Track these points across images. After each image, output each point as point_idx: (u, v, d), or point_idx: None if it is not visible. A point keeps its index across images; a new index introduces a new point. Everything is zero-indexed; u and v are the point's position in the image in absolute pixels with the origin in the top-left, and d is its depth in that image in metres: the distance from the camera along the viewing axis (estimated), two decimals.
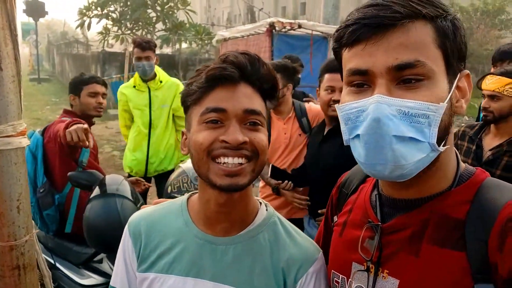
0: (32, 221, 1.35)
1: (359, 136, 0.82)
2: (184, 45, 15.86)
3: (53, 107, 14.47)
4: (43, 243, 2.76)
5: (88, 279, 2.61)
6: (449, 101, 0.81)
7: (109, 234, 2.12)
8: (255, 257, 1.02)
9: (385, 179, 0.86)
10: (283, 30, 8.22)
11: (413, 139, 0.78)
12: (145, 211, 1.18)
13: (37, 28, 23.92)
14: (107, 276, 2.57)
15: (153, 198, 4.00)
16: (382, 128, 0.77)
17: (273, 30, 7.97)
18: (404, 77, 0.78)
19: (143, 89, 3.87)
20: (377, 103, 0.77)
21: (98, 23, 13.06)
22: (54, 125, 2.75)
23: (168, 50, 16.82)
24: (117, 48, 17.10)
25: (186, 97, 1.02)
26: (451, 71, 0.82)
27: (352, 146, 0.86)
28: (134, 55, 3.79)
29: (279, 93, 2.85)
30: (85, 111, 2.97)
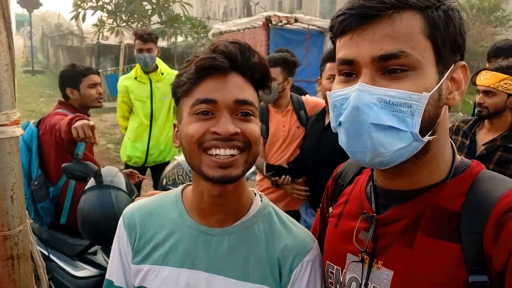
0: (26, 211, 1.34)
1: (341, 123, 0.83)
2: (180, 38, 15.78)
3: (47, 99, 14.37)
4: (37, 234, 2.75)
5: (83, 270, 2.60)
6: (437, 92, 0.80)
7: (103, 226, 2.12)
8: (250, 247, 1.02)
9: (367, 166, 0.88)
10: (279, 24, 8.19)
11: (393, 127, 0.78)
12: (140, 203, 1.17)
13: (31, 19, 23.71)
14: (101, 268, 2.57)
15: (148, 190, 4.00)
16: (361, 116, 0.78)
17: (270, 24, 7.94)
18: (389, 67, 0.79)
19: (144, 80, 3.87)
20: (358, 91, 0.79)
21: (93, 15, 12.94)
22: (50, 117, 2.72)
23: (163, 43, 16.73)
24: (112, 40, 17.00)
25: (176, 88, 1.01)
26: (442, 62, 0.81)
27: (338, 133, 0.87)
28: (135, 47, 3.77)
29: (273, 85, 2.87)
30: (86, 103, 2.95)
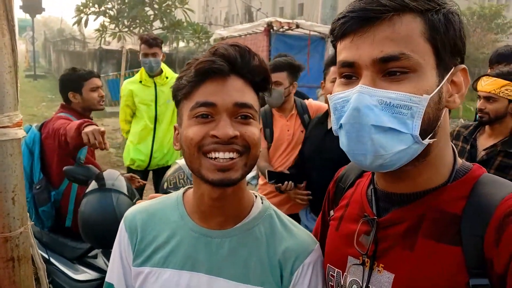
0: (27, 214, 1.34)
1: (342, 125, 0.84)
2: (182, 44, 15.82)
3: (49, 103, 14.39)
4: (37, 238, 2.74)
5: (83, 274, 2.59)
6: (437, 94, 0.81)
7: (104, 229, 2.11)
8: (250, 250, 1.02)
9: (368, 169, 0.87)
10: (280, 30, 8.22)
11: (393, 129, 0.78)
12: (141, 205, 1.17)
13: (34, 24, 23.79)
14: (101, 271, 2.56)
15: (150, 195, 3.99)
16: (362, 117, 0.78)
17: (271, 30, 7.97)
18: (389, 70, 0.79)
19: (149, 84, 3.89)
20: (359, 93, 0.79)
21: (95, 20, 13.01)
22: (53, 121, 2.72)
23: (165, 48, 16.80)
24: (114, 45, 17.06)
25: (176, 91, 1.01)
26: (442, 65, 0.82)
27: (339, 135, 0.87)
28: (141, 51, 3.80)
29: (279, 89, 2.88)
30: (89, 106, 2.96)
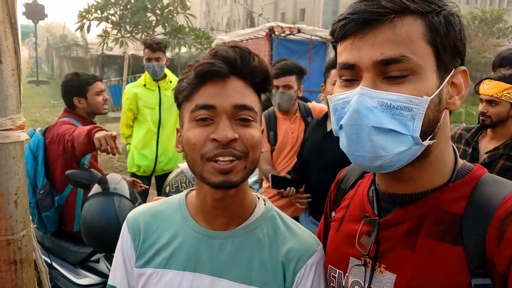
0: (30, 216, 1.34)
1: (342, 126, 0.84)
2: (184, 49, 15.87)
3: (51, 109, 14.44)
4: (40, 242, 2.75)
5: (85, 278, 2.60)
6: (438, 96, 0.81)
7: (106, 233, 2.11)
8: (253, 251, 1.02)
9: (368, 170, 0.88)
10: (282, 35, 8.23)
11: (394, 131, 0.78)
12: (144, 207, 1.17)
13: (37, 30, 23.94)
14: (103, 275, 2.56)
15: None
16: (362, 119, 0.78)
17: (273, 35, 7.98)
18: (390, 72, 0.79)
19: (153, 88, 3.89)
20: (359, 94, 0.79)
21: (97, 25, 13.06)
22: (58, 127, 2.71)
23: (167, 54, 16.83)
24: (116, 51, 17.10)
25: (177, 93, 1.02)
26: (443, 67, 0.82)
27: (339, 136, 0.88)
28: (144, 55, 3.80)
29: (289, 93, 2.90)
30: (94, 111, 2.97)
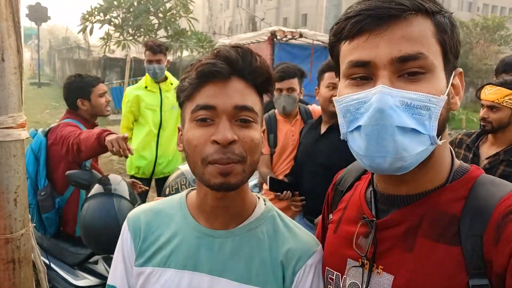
0: (29, 215, 1.34)
1: (359, 128, 0.81)
2: (186, 53, 15.90)
3: (52, 111, 14.46)
4: (38, 243, 2.72)
5: (83, 280, 2.59)
6: (447, 95, 0.81)
7: (105, 234, 2.11)
8: (253, 250, 1.02)
9: (383, 172, 0.85)
10: (284, 39, 8.25)
11: (414, 130, 0.77)
12: (145, 206, 1.17)
13: (39, 32, 24.02)
14: (102, 277, 2.55)
15: None
16: (386, 118, 0.76)
17: (274, 39, 8.01)
18: (407, 69, 0.78)
19: (154, 90, 3.88)
20: (381, 93, 0.76)
21: (100, 28, 13.08)
22: (60, 128, 2.69)
23: (169, 57, 16.85)
24: (118, 54, 17.15)
25: (179, 92, 1.01)
26: (449, 67, 0.83)
27: (350, 139, 0.85)
28: (145, 57, 3.80)
29: (293, 95, 2.90)
30: (96, 113, 2.96)
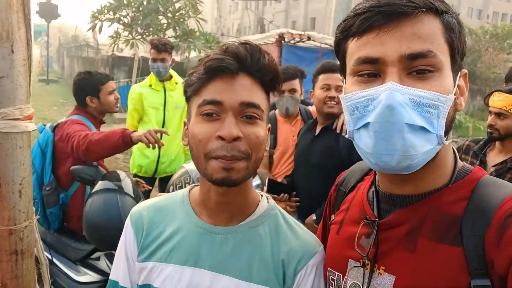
0: (33, 208, 1.34)
1: (367, 125, 0.80)
2: (194, 53, 15.93)
3: (60, 107, 14.55)
4: (42, 238, 2.73)
5: (85, 276, 2.59)
6: (454, 95, 0.81)
7: (108, 230, 2.11)
8: (254, 248, 1.02)
9: (389, 171, 0.83)
10: (292, 42, 8.26)
11: (423, 129, 0.77)
12: (148, 202, 1.18)
13: (49, 30, 24.16)
14: (103, 273, 2.56)
15: None
16: (395, 116, 0.75)
17: (282, 41, 8.01)
18: (416, 67, 0.78)
19: (159, 88, 3.87)
20: (391, 90, 0.76)
21: (109, 27, 13.12)
22: (68, 125, 2.68)
23: (177, 57, 16.90)
24: (127, 52, 17.22)
25: (186, 87, 1.02)
26: (455, 67, 0.83)
27: (356, 137, 0.84)
28: (150, 55, 3.80)
29: (295, 96, 2.91)
30: (105, 110, 2.97)
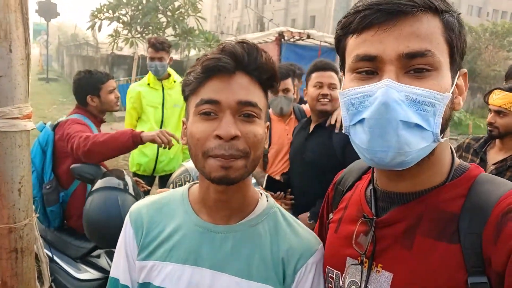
0: (33, 206, 1.35)
1: (363, 121, 0.81)
2: (193, 52, 15.90)
3: (60, 106, 14.55)
4: (42, 236, 2.75)
5: (85, 273, 2.60)
6: (452, 94, 0.81)
7: (108, 228, 2.11)
8: (254, 246, 1.02)
9: (384, 167, 0.84)
10: (291, 40, 8.26)
11: (418, 126, 0.78)
12: (147, 200, 1.18)
13: (48, 29, 24.14)
14: (104, 271, 2.57)
15: None
16: (390, 112, 0.76)
17: (282, 40, 8.02)
18: (413, 66, 0.78)
19: (157, 87, 3.87)
20: (387, 87, 0.76)
21: (109, 25, 13.10)
22: (68, 125, 2.68)
23: (176, 56, 16.87)
24: (126, 51, 17.21)
25: (184, 86, 1.03)
26: (454, 66, 0.83)
27: (352, 132, 0.85)
28: (148, 54, 3.79)
29: (289, 96, 2.91)
30: (106, 109, 2.97)
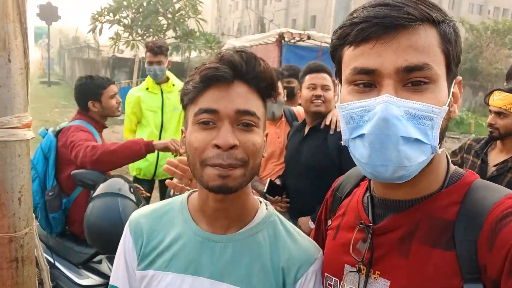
0: (33, 214, 1.35)
1: (362, 136, 0.81)
2: (194, 53, 15.92)
3: (62, 109, 14.59)
4: (43, 241, 2.76)
5: (87, 279, 2.60)
6: (448, 105, 0.81)
7: (109, 234, 2.12)
8: (254, 255, 1.02)
9: (384, 180, 0.84)
10: (292, 41, 8.26)
11: (418, 140, 0.78)
12: (146, 208, 1.17)
13: (50, 32, 24.21)
14: (105, 277, 2.57)
15: None
16: (390, 128, 0.76)
17: (282, 41, 8.02)
18: (411, 79, 0.78)
19: (156, 91, 3.87)
20: (386, 103, 0.76)
21: (109, 28, 13.13)
22: (72, 133, 2.68)
23: (177, 58, 16.89)
24: (127, 54, 17.25)
25: (183, 96, 1.02)
26: (450, 76, 0.83)
27: (352, 146, 0.85)
28: (146, 58, 3.79)
29: (279, 99, 2.90)
30: (107, 114, 2.97)
